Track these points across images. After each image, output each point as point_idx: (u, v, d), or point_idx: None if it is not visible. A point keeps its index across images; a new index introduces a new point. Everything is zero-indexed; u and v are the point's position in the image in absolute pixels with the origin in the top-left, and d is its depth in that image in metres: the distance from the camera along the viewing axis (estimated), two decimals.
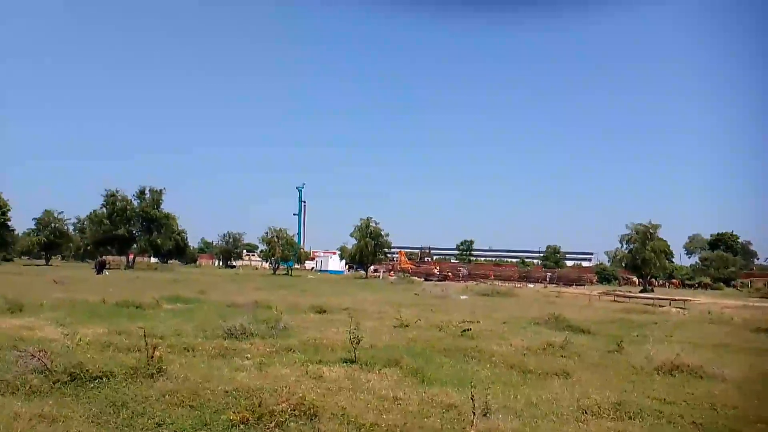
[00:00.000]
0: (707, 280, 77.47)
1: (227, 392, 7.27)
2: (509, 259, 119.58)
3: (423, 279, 61.50)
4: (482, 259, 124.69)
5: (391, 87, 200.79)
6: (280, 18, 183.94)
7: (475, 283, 55.17)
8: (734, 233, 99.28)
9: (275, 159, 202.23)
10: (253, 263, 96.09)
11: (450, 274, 72.71)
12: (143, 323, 12.77)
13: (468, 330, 14.02)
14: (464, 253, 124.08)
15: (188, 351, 10.35)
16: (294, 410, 6.39)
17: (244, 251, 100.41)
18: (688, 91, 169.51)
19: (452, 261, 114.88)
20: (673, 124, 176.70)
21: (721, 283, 76.59)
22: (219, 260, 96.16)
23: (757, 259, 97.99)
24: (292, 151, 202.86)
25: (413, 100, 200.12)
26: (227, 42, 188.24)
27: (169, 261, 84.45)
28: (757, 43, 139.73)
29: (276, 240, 64.92)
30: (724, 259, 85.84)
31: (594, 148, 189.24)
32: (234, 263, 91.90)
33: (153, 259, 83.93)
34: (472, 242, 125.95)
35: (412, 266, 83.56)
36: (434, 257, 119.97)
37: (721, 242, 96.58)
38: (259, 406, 6.48)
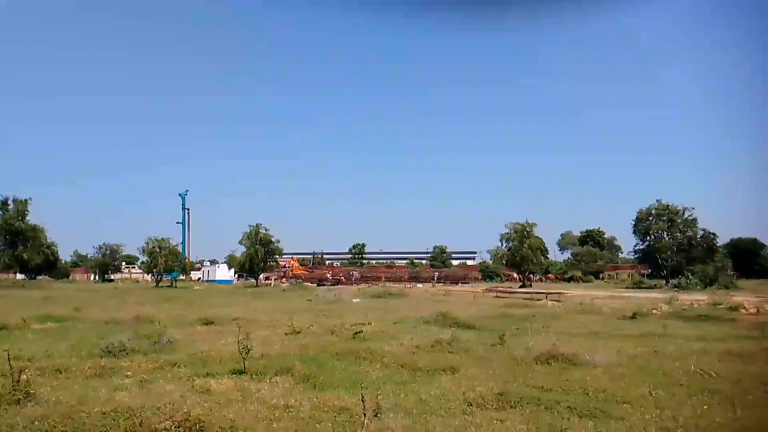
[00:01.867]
0: (578, 273, 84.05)
1: (105, 414, 6.82)
2: (399, 261, 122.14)
3: (316, 284, 61.21)
4: (374, 261, 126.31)
5: (279, 92, 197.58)
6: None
7: (367, 285, 55.79)
8: (601, 230, 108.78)
9: (157, 164, 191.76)
10: (133, 276, 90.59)
11: (343, 278, 73.03)
12: (8, 346, 11.60)
13: (360, 332, 14.18)
14: (357, 256, 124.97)
15: (60, 373, 9.63)
16: (178, 427, 6.13)
17: (124, 263, 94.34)
18: (557, 95, 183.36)
19: (345, 265, 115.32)
20: (543, 128, 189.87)
21: (591, 276, 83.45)
22: (95, 274, 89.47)
23: (621, 252, 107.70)
24: (176, 156, 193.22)
25: (301, 106, 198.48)
26: (91, 31, 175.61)
27: (38, 277, 77.30)
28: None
29: (158, 250, 61.55)
30: (592, 254, 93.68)
31: (476, 151, 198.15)
32: (112, 277, 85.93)
33: (20, 276, 76.41)
34: (364, 246, 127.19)
35: (305, 272, 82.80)
36: (327, 262, 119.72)
37: (590, 238, 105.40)
38: (140, 425, 6.16)
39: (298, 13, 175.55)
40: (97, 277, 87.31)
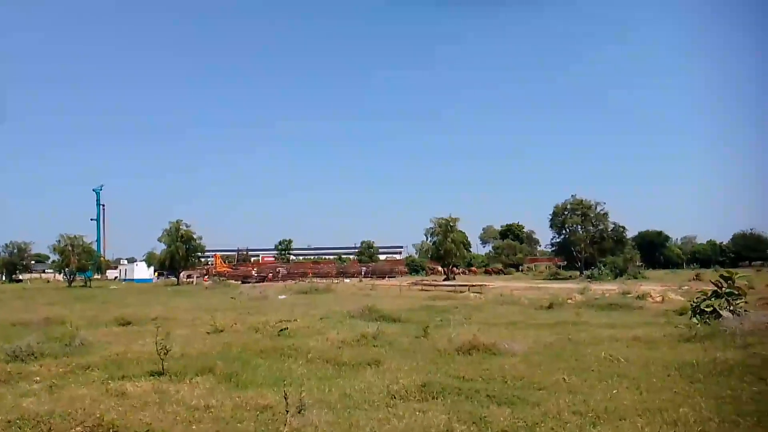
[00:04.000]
0: (499, 266, 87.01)
1: (10, 422, 6.46)
2: (327, 256, 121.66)
3: (241, 282, 59.82)
4: (301, 257, 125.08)
5: (197, 87, 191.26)
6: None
7: (294, 282, 55.16)
8: (520, 224, 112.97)
9: (68, 157, 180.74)
10: (44, 276, 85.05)
11: (269, 274, 71.74)
12: None
13: (285, 329, 14.00)
14: (283, 252, 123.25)
15: None
16: None
17: (33, 262, 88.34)
18: (477, 90, 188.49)
19: (271, 261, 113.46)
20: (466, 125, 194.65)
21: (512, 268, 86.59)
22: (2, 274, 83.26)
23: (540, 245, 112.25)
24: (88, 150, 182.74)
25: (220, 102, 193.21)
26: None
27: None
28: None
29: (71, 249, 58.09)
30: (512, 247, 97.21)
31: (402, 147, 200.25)
32: (20, 277, 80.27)
33: None
34: (290, 241, 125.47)
35: (229, 269, 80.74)
36: (252, 259, 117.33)
37: (510, 232, 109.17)
38: None
39: None
40: (3, 278, 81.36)
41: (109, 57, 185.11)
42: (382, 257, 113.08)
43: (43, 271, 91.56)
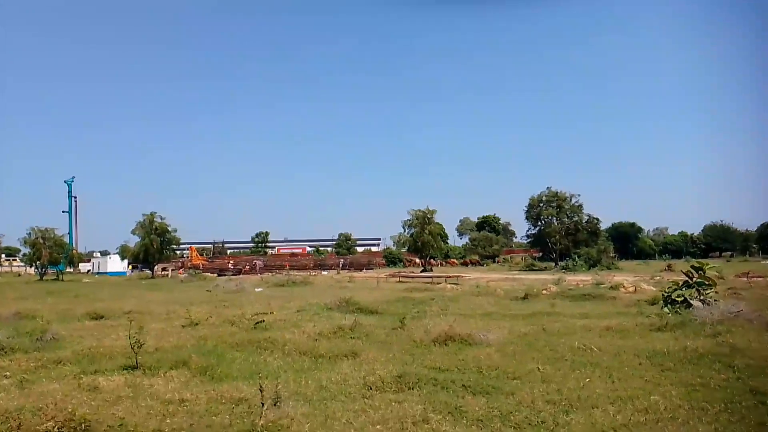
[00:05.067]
0: (476, 257, 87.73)
1: None
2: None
3: (217, 275, 59.26)
4: (279, 250, 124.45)
5: (175, 79, 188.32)
6: None
7: (271, 274, 54.80)
8: (496, 216, 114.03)
9: (38, 148, 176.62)
10: (14, 269, 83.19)
11: (246, 267, 71.22)
12: None
13: (261, 322, 13.90)
14: (260, 245, 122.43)
15: None
16: (62, 428, 5.74)
17: (3, 256, 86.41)
18: (451, 80, 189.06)
19: (248, 255, 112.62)
20: (443, 117, 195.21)
21: (488, 260, 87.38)
22: None
23: (516, 237, 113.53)
24: (60, 141, 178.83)
25: (198, 92, 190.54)
26: None
27: None
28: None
29: (42, 241, 56.86)
30: (489, 239, 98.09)
31: (376, 139, 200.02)
32: None
33: None
34: (267, 234, 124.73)
35: (205, 262, 79.97)
36: (229, 251, 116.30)
37: (486, 224, 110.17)
38: (19, 428, 5.73)
39: None
40: None
41: (81, 47, 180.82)
42: (359, 249, 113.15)
43: (10, 264, 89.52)
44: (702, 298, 14.92)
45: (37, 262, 58.38)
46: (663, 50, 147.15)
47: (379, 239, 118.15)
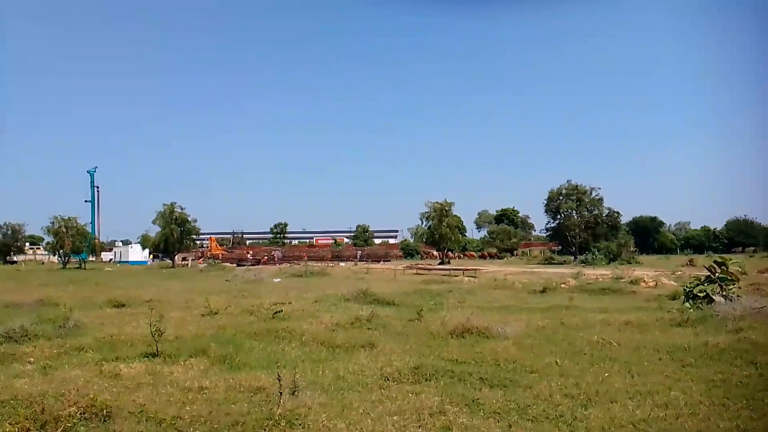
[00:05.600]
0: (494, 250, 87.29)
1: (3, 402, 6.45)
2: (322, 240, 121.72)
3: (236, 265, 59.81)
4: (296, 241, 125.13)
5: (196, 72, 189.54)
6: None
7: (289, 265, 55.15)
8: (515, 209, 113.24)
9: (64, 140, 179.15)
10: (38, 257, 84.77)
11: (264, 257, 71.77)
12: None
13: (279, 312, 14.00)
14: (278, 236, 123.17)
15: None
16: (84, 413, 5.84)
17: (27, 244, 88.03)
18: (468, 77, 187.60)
19: (266, 245, 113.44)
20: (462, 110, 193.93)
21: (506, 253, 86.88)
22: None
23: (534, 230, 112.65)
24: (82, 132, 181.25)
25: (215, 83, 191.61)
26: None
27: None
28: None
29: (65, 230, 57.92)
30: (507, 232, 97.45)
31: (398, 131, 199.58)
32: (15, 258, 79.96)
33: None
34: (286, 225, 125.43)
35: (224, 252, 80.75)
36: (248, 242, 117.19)
37: (505, 217, 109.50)
38: (42, 413, 5.79)
39: None
40: None
41: (101, 42, 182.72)
42: (377, 241, 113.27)
43: (34, 252, 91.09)
44: (724, 293, 14.65)
45: (60, 251, 59.61)
46: (687, 45, 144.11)
47: (397, 231, 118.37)
